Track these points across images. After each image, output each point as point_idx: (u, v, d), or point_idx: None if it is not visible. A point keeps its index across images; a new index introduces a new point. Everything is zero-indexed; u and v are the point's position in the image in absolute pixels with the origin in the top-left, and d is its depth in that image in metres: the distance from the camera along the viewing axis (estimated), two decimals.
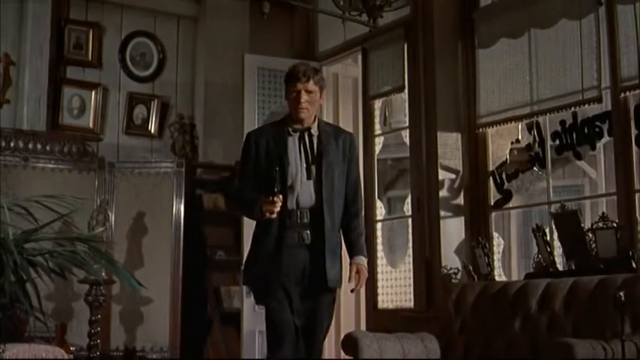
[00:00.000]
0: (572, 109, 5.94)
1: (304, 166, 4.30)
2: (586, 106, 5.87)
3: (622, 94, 5.59)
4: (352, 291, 4.41)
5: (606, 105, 5.78)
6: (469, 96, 6.64)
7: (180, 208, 7.37)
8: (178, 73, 8.33)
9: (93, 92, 7.86)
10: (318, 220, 4.24)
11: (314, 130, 4.38)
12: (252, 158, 4.36)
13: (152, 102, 8.10)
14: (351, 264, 4.35)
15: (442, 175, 6.55)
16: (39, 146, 7.21)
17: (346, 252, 4.39)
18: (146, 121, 8.07)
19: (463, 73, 6.67)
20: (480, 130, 6.56)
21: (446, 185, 6.56)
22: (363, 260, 4.36)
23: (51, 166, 7.22)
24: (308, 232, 4.23)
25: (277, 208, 4.11)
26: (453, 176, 6.60)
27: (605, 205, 6.50)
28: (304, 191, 4.26)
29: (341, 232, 4.39)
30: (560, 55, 6.01)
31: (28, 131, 7.23)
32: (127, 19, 8.13)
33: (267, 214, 4.12)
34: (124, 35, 8.10)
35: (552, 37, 6.08)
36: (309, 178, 4.28)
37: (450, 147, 6.60)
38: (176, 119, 8.11)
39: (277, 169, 4.14)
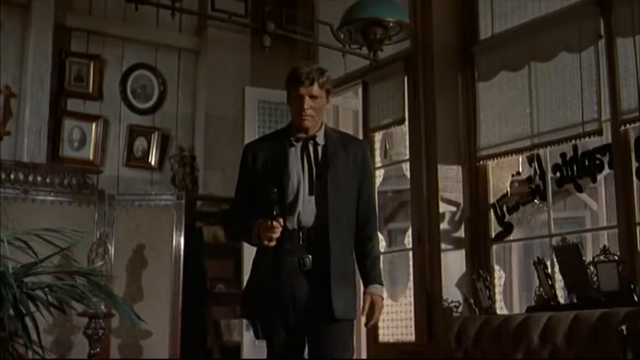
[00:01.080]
0: (573, 141, 5.94)
1: (307, 179, 3.81)
2: (586, 138, 5.87)
3: (622, 127, 5.60)
4: (367, 325, 3.94)
5: (607, 137, 5.78)
6: (469, 128, 6.65)
7: (180, 240, 7.34)
8: (179, 106, 8.34)
9: (93, 124, 7.86)
10: (323, 241, 3.74)
11: (319, 139, 3.89)
12: (249, 173, 3.92)
13: (152, 134, 8.10)
14: (365, 294, 3.88)
15: (443, 207, 6.54)
16: (39, 178, 7.19)
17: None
18: (146, 153, 8.07)
19: (463, 105, 6.69)
20: (481, 162, 6.56)
21: (447, 218, 6.55)
22: (378, 289, 3.87)
23: (51, 198, 7.20)
24: (310, 256, 3.74)
25: (277, 234, 3.65)
26: (454, 209, 6.59)
27: (606, 237, 6.49)
28: (307, 209, 3.77)
29: (354, 255, 3.91)
30: (561, 87, 6.02)
31: (28, 163, 7.21)
32: (128, 52, 8.15)
33: (266, 242, 3.67)
34: (125, 67, 8.12)
35: (552, 69, 6.09)
36: (311, 193, 3.79)
37: (450, 179, 6.60)
38: (176, 151, 8.11)
39: (275, 190, 3.65)
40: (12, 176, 7.09)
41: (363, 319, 3.92)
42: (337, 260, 3.75)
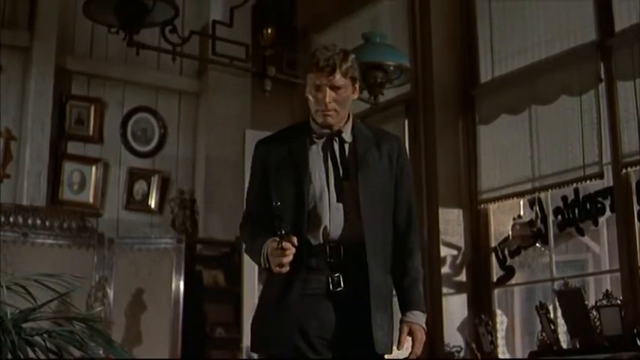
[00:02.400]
0: (574, 185, 5.93)
1: (333, 183, 3.16)
2: (588, 182, 5.86)
3: (623, 170, 5.60)
4: None
5: (608, 181, 5.77)
6: (470, 171, 6.65)
7: (179, 284, 7.29)
8: (179, 149, 8.33)
9: (93, 167, 7.84)
10: (357, 258, 3.07)
11: (346, 135, 3.25)
12: (263, 176, 3.27)
13: (153, 177, 8.08)
14: (402, 323, 3.17)
15: (444, 251, 6.52)
16: (38, 222, 7.17)
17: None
18: (146, 196, 8.04)
19: (464, 148, 6.69)
20: (482, 205, 6.55)
21: (448, 262, 6.52)
22: (419, 317, 3.17)
23: (50, 241, 7.16)
24: (340, 275, 3.08)
25: (289, 258, 2.98)
26: (455, 252, 6.56)
27: (609, 280, 6.45)
28: (335, 219, 3.11)
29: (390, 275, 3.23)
30: (561, 130, 6.04)
31: (28, 206, 7.19)
32: (129, 95, 8.16)
33: (277, 268, 3.01)
34: (125, 110, 8.12)
35: (553, 113, 6.11)
36: (339, 199, 3.14)
37: (451, 223, 6.58)
38: (176, 194, 8.09)
39: (279, 203, 3.01)
40: (11, 219, 7.07)
41: (401, 354, 3.22)
42: (376, 281, 3.09)
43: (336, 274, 3.08)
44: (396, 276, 3.21)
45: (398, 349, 3.17)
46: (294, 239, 2.99)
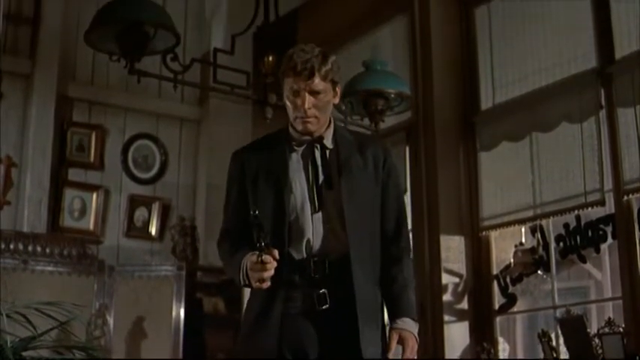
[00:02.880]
0: (576, 212, 5.91)
1: (314, 193, 2.97)
2: (589, 209, 5.85)
3: (625, 197, 5.57)
4: None
5: (610, 208, 5.76)
6: (472, 198, 6.63)
7: (180, 311, 7.27)
8: (180, 175, 8.34)
9: (94, 194, 7.85)
10: (345, 271, 2.90)
11: (328, 141, 3.07)
12: (240, 188, 3.09)
13: (153, 204, 8.09)
14: (390, 330, 2.97)
15: (446, 279, 6.49)
16: (39, 249, 7.16)
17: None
18: (147, 223, 8.04)
19: (465, 175, 6.68)
20: (484, 233, 6.53)
21: (449, 289, 6.49)
22: (408, 324, 2.96)
23: (50, 269, 7.15)
24: (325, 291, 2.89)
25: (269, 272, 2.78)
26: (457, 280, 6.53)
27: (611, 307, 6.42)
28: (318, 231, 2.94)
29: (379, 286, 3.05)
30: (562, 157, 6.02)
31: (29, 233, 7.19)
32: (130, 122, 8.18)
33: (256, 284, 2.81)
34: (126, 137, 8.14)
35: (554, 140, 6.10)
36: (322, 210, 2.95)
37: (453, 250, 6.55)
38: (177, 221, 8.08)
39: (256, 212, 2.74)
40: (12, 246, 7.06)
41: None
42: (363, 294, 2.91)
43: (322, 290, 2.90)
44: (384, 285, 3.03)
45: (387, 354, 2.93)
46: (276, 252, 2.78)
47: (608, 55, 5.77)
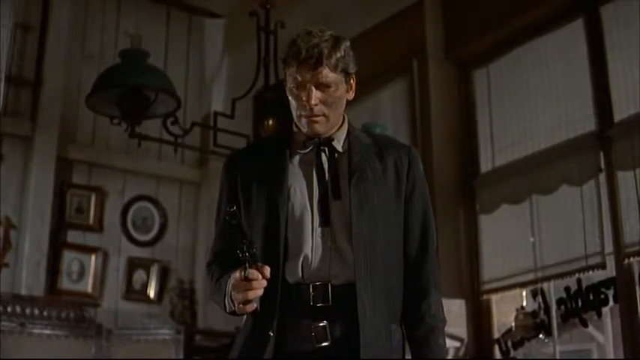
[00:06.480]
0: (577, 275, 5.88)
1: (318, 203, 2.44)
2: (590, 272, 5.82)
3: (625, 260, 5.55)
4: None
5: (611, 271, 5.73)
6: (472, 262, 6.60)
7: None
8: (179, 238, 8.31)
9: (93, 256, 7.82)
10: (348, 301, 2.38)
11: (338, 144, 2.56)
12: (230, 199, 2.56)
13: (152, 266, 8.05)
14: None
15: (447, 343, 6.41)
16: (36, 311, 7.10)
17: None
18: (145, 285, 8.00)
19: (465, 238, 6.66)
20: (484, 296, 6.49)
21: (451, 353, 6.42)
22: None
23: (47, 332, 7.08)
24: (326, 324, 2.37)
25: (256, 292, 2.27)
26: (458, 344, 6.47)
27: None
28: (318, 249, 2.41)
29: (402, 323, 2.55)
30: (563, 220, 6.01)
31: (26, 296, 7.14)
32: (130, 184, 8.18)
33: (239, 307, 2.33)
34: (126, 199, 8.13)
35: (554, 202, 6.09)
36: (326, 224, 2.43)
37: (454, 314, 6.49)
38: (176, 284, 8.04)
39: (234, 207, 2.27)
40: (9, 309, 7.01)
41: None
42: (371, 332, 2.38)
43: (321, 324, 2.38)
44: (408, 325, 2.56)
45: None
46: (267, 269, 2.27)
47: (607, 118, 5.79)
